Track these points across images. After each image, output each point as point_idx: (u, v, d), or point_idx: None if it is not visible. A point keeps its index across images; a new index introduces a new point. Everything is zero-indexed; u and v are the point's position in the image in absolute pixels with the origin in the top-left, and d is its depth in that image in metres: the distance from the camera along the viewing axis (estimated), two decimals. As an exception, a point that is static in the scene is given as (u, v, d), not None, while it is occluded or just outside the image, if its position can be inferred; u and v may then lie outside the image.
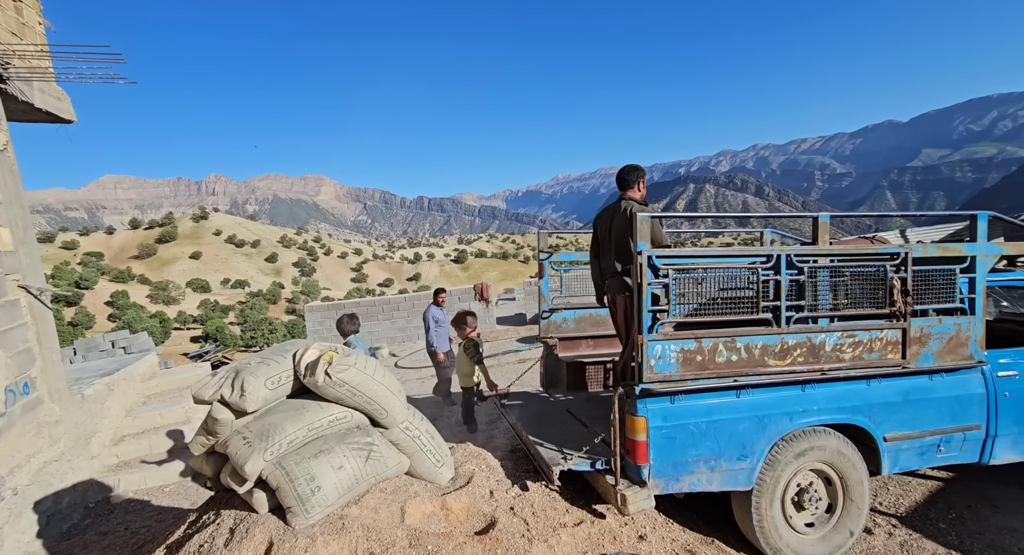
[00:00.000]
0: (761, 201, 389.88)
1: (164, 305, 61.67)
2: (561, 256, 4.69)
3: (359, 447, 2.51)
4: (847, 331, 2.75)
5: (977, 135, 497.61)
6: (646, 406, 2.62)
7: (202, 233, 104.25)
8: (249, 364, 2.57)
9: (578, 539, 2.64)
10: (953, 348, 2.90)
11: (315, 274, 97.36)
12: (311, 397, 2.66)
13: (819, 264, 2.75)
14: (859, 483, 2.84)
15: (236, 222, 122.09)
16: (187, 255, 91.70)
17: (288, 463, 2.29)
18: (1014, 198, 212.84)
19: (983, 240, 2.93)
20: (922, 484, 3.58)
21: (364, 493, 2.47)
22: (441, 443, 2.92)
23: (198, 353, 29.95)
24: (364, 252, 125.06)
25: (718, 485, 2.71)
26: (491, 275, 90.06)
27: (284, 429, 2.37)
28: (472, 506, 2.61)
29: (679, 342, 2.58)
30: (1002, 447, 3.02)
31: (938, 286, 2.89)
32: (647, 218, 2.61)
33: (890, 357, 2.80)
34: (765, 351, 2.68)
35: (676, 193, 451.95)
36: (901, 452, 2.90)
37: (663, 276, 2.57)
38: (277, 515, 2.28)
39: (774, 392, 2.75)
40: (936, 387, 2.92)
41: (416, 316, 13.89)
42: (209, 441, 2.45)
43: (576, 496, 3.07)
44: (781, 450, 2.74)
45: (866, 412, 2.82)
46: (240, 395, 2.36)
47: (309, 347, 2.66)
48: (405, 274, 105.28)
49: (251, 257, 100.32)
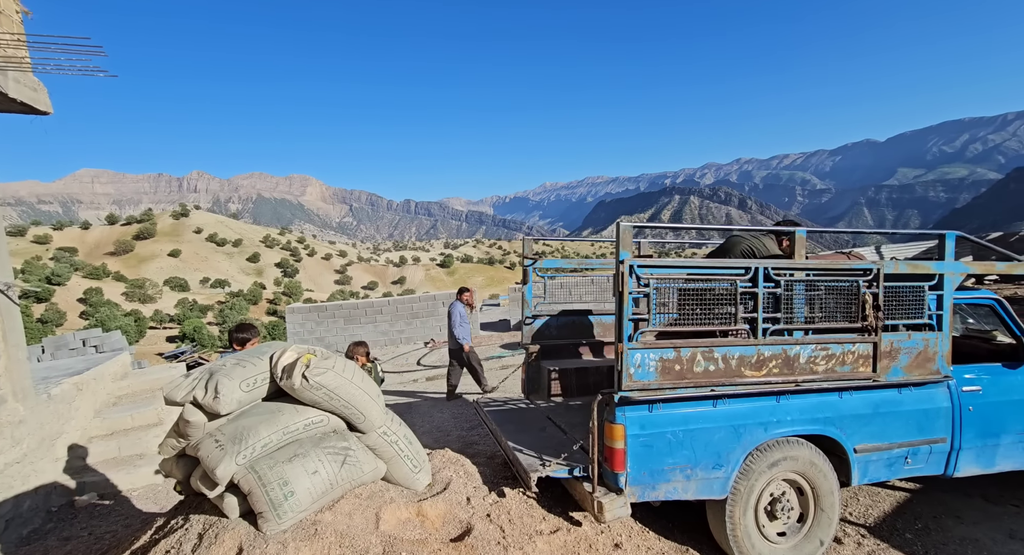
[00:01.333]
0: (744, 214, 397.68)
1: (140, 303, 60.07)
2: (545, 263, 4.72)
3: (335, 452, 2.48)
4: (821, 344, 2.82)
5: (950, 156, 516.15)
6: (624, 414, 2.64)
7: (182, 231, 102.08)
8: (224, 365, 2.52)
9: (554, 547, 2.63)
10: (921, 363, 2.99)
11: (298, 275, 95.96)
12: (287, 400, 2.62)
13: (795, 278, 2.82)
14: (830, 493, 2.90)
15: (218, 220, 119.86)
16: (166, 253, 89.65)
17: (261, 467, 2.25)
18: (983, 218, 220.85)
19: (951, 259, 3.03)
20: (890, 495, 3.67)
21: (339, 499, 2.44)
22: (419, 449, 2.90)
23: (174, 353, 29.20)
24: (349, 254, 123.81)
25: (693, 493, 2.74)
26: (476, 280, 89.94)
27: (258, 432, 2.33)
28: (448, 513, 2.59)
29: (658, 351, 2.61)
30: (966, 460, 3.11)
31: (908, 302, 2.98)
32: (630, 227, 2.65)
33: (861, 370, 2.87)
34: (742, 362, 2.73)
35: (662, 204, 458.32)
36: (870, 463, 2.97)
37: (644, 285, 2.61)
38: (248, 520, 2.23)
39: (749, 402, 2.80)
40: (904, 400, 3.00)
41: (400, 320, 13.78)
42: (180, 444, 2.40)
43: (553, 503, 3.07)
44: (755, 460, 2.78)
45: (837, 424, 2.89)
46: (213, 397, 2.31)
47: (287, 349, 2.63)
48: (390, 277, 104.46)
49: (232, 256, 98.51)
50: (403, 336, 13.76)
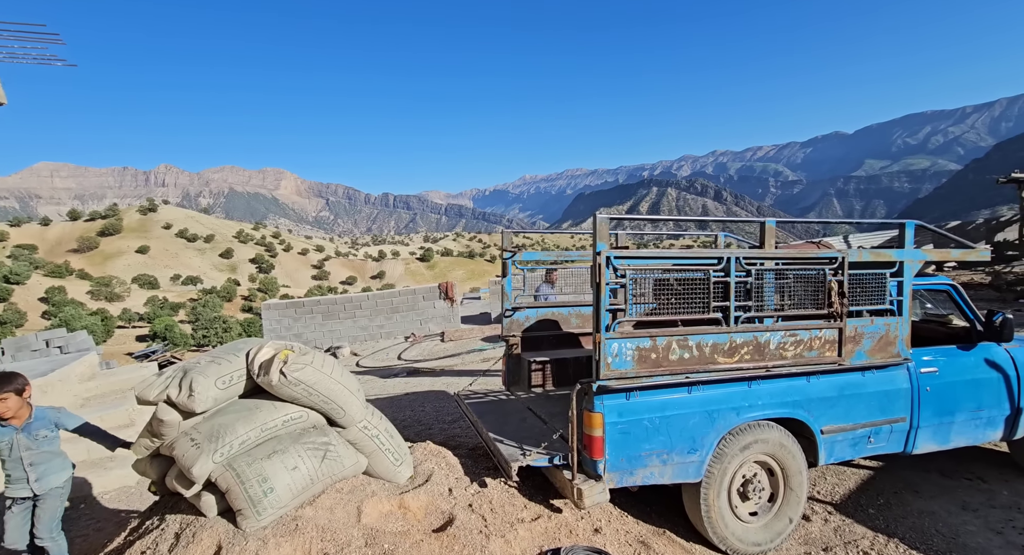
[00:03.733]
0: (720, 205, 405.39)
1: (107, 302, 57.89)
2: (525, 255, 4.74)
3: (315, 447, 2.47)
4: (790, 330, 2.92)
5: (913, 148, 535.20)
6: (603, 402, 2.69)
7: (150, 226, 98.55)
8: (199, 363, 2.48)
9: (535, 533, 2.68)
10: (883, 347, 3.14)
11: (274, 271, 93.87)
12: (265, 397, 2.59)
13: (765, 267, 2.91)
14: (798, 473, 3.02)
15: (188, 215, 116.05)
16: (133, 249, 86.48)
17: (239, 464, 2.23)
18: (944, 207, 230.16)
19: (910, 247, 3.17)
20: (855, 473, 3.84)
21: (319, 494, 2.44)
22: (400, 442, 2.91)
23: (144, 353, 28.31)
24: (326, 249, 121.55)
25: (670, 478, 2.82)
26: (457, 274, 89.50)
27: (235, 430, 2.31)
28: (430, 504, 2.61)
29: (635, 340, 2.67)
30: (923, 437, 3.29)
31: (871, 289, 3.11)
32: (607, 219, 2.69)
33: (827, 355, 3.00)
34: (715, 349, 2.81)
35: (640, 196, 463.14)
36: (836, 443, 3.11)
37: (621, 276, 2.66)
38: (227, 518, 2.22)
39: (723, 388, 2.89)
40: (867, 383, 3.14)
41: (380, 315, 13.66)
42: (154, 443, 2.35)
43: (534, 492, 3.13)
44: (728, 443, 2.88)
45: (805, 406, 3.01)
46: (188, 395, 2.28)
47: (263, 345, 2.60)
48: (369, 272, 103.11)
49: (204, 252, 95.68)
50: (383, 331, 13.66)
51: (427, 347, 11.30)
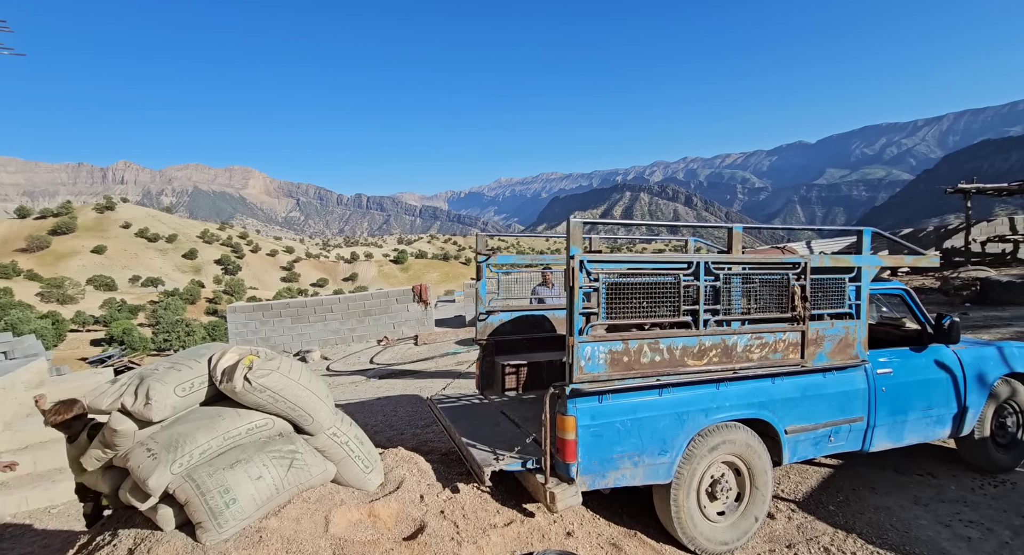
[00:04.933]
0: (690, 210, 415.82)
1: (58, 304, 54.86)
2: (499, 258, 4.73)
3: (281, 455, 2.39)
4: (756, 333, 3.00)
5: (870, 158, 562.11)
6: (576, 406, 2.70)
7: (108, 225, 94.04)
8: (156, 369, 2.37)
9: (508, 539, 2.67)
10: (843, 349, 3.26)
11: (241, 273, 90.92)
12: (228, 404, 2.50)
13: (733, 271, 2.99)
14: (764, 473, 3.11)
15: (149, 214, 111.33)
16: (88, 249, 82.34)
17: (199, 475, 2.14)
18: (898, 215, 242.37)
19: (867, 253, 3.32)
20: (817, 471, 3.98)
21: (286, 503, 2.36)
22: (371, 448, 2.85)
23: (99, 357, 26.93)
24: (296, 250, 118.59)
25: (641, 479, 2.85)
26: (432, 276, 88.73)
27: (196, 439, 2.21)
28: (401, 511, 2.57)
29: (607, 343, 2.69)
30: (880, 436, 3.43)
31: (831, 293, 3.23)
32: (580, 224, 2.71)
33: (791, 357, 3.10)
34: (685, 352, 2.86)
35: (614, 200, 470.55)
36: (799, 443, 3.21)
37: (594, 279, 2.68)
38: (186, 532, 2.12)
39: (692, 390, 2.95)
40: (828, 384, 3.26)
41: (352, 318, 13.40)
42: (106, 455, 2.23)
43: (508, 496, 3.11)
44: (697, 444, 2.94)
45: (770, 407, 3.10)
46: (145, 403, 2.17)
47: (227, 350, 2.50)
48: (341, 274, 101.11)
49: (166, 253, 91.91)
50: (355, 334, 13.39)
51: (400, 350, 11.14)
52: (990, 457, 3.80)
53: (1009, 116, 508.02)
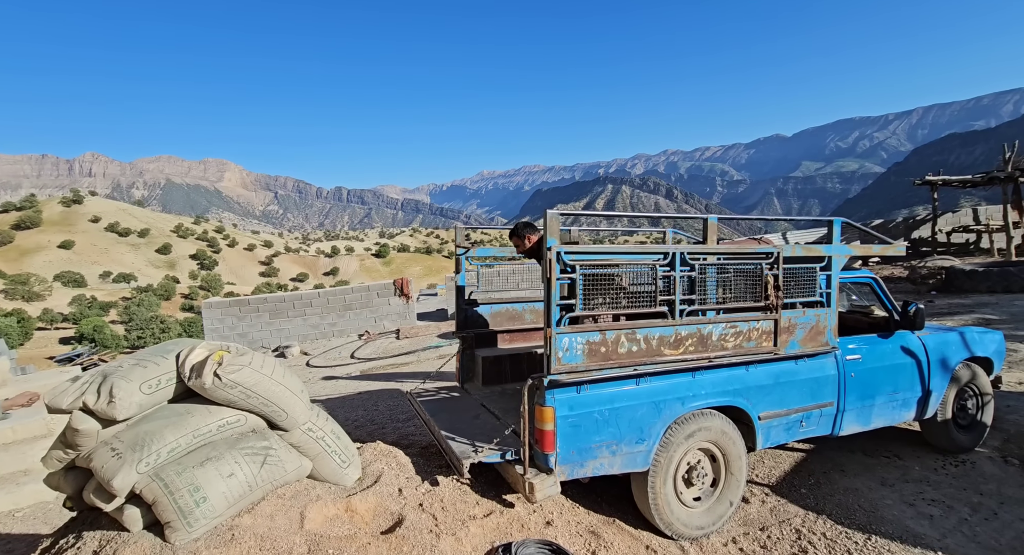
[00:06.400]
0: (671, 203, 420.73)
1: (24, 302, 52.78)
2: (479, 251, 4.70)
3: (254, 452, 2.34)
4: (730, 322, 3.05)
5: (844, 151, 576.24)
6: (554, 396, 2.71)
7: (75, 219, 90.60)
8: (121, 367, 2.29)
9: (487, 529, 2.68)
10: (814, 336, 3.34)
11: (217, 268, 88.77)
12: (198, 401, 2.43)
13: (708, 262, 3.02)
14: (738, 458, 3.18)
15: (119, 208, 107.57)
16: (55, 244, 79.30)
17: (168, 474, 2.08)
18: (870, 206, 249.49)
19: (837, 242, 3.39)
20: (790, 456, 4.09)
21: (259, 500, 2.32)
22: (348, 443, 2.82)
23: (67, 356, 26.06)
24: (275, 244, 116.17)
25: (619, 468, 2.89)
26: (414, 270, 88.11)
27: (163, 437, 2.15)
28: (379, 505, 2.55)
29: (585, 334, 2.70)
30: (849, 420, 3.54)
31: (803, 282, 3.30)
32: (557, 215, 2.70)
33: (764, 345, 3.16)
34: (661, 342, 2.89)
35: (596, 193, 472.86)
36: (772, 429, 3.29)
37: (571, 271, 2.68)
38: (154, 532, 2.06)
39: (668, 379, 2.98)
40: (800, 370, 3.35)
41: (332, 312, 13.22)
42: (68, 455, 2.15)
43: (487, 488, 3.12)
44: (674, 432, 2.98)
45: (744, 394, 3.16)
46: (108, 401, 2.10)
47: (196, 346, 2.43)
48: (321, 268, 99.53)
49: (139, 248, 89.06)
50: (335, 329, 13.23)
51: (382, 345, 11.05)
52: (952, 438, 3.96)
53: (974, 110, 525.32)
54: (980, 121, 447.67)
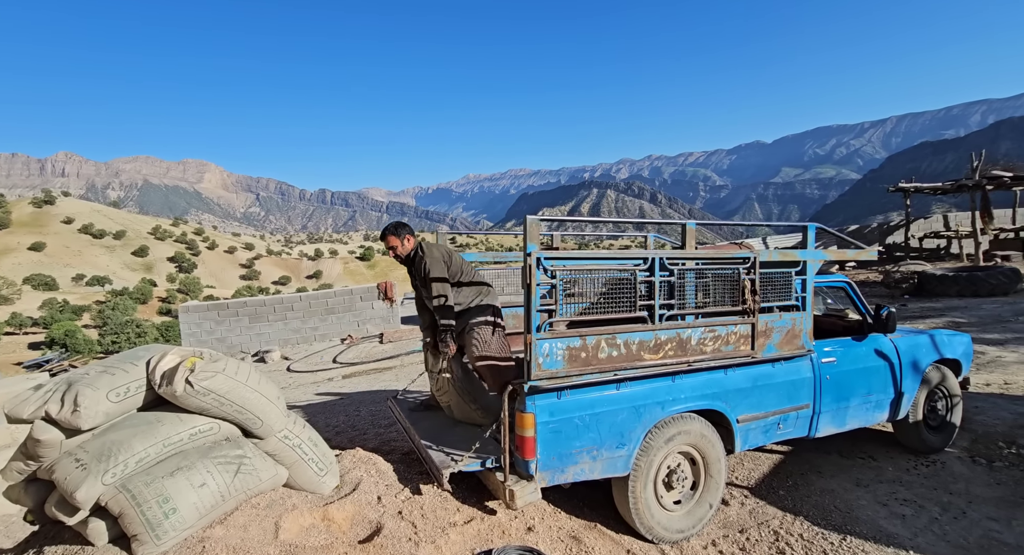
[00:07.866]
0: (655, 207, 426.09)
1: (-9, 306, 50.99)
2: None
3: (227, 461, 2.29)
4: (709, 327, 3.09)
5: (822, 158, 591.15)
6: (534, 403, 2.71)
7: (47, 221, 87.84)
8: (87, 374, 2.22)
9: (467, 537, 2.65)
10: (790, 340, 3.40)
11: (196, 270, 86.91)
12: (169, 409, 2.37)
13: (686, 267, 3.06)
14: (717, 461, 3.21)
15: (94, 209, 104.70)
16: (25, 246, 76.78)
17: (135, 485, 2.01)
18: (847, 212, 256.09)
19: (812, 247, 3.46)
20: (769, 458, 4.15)
21: (232, 511, 2.26)
22: (326, 450, 2.77)
23: (36, 361, 25.19)
24: (256, 247, 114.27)
25: (600, 473, 2.89)
26: (399, 273, 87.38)
27: (131, 447, 2.09)
28: (357, 514, 2.51)
29: (565, 340, 2.70)
30: (824, 422, 3.61)
31: (779, 286, 3.36)
32: (537, 221, 2.70)
33: (742, 349, 3.20)
34: (641, 346, 2.91)
35: (581, 197, 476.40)
36: (750, 431, 3.33)
37: (552, 276, 2.68)
38: (120, 546, 2.00)
39: (648, 384, 3.00)
40: (777, 373, 3.40)
41: (314, 316, 13.02)
42: (29, 467, 2.07)
43: (469, 494, 3.10)
44: (654, 436, 3.00)
45: (723, 398, 3.20)
46: (72, 410, 2.03)
47: (167, 353, 2.37)
48: (304, 271, 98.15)
49: (114, 250, 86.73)
50: (317, 333, 13.03)
51: (364, 349, 10.92)
52: (923, 439, 4.06)
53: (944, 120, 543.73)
54: (950, 130, 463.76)
